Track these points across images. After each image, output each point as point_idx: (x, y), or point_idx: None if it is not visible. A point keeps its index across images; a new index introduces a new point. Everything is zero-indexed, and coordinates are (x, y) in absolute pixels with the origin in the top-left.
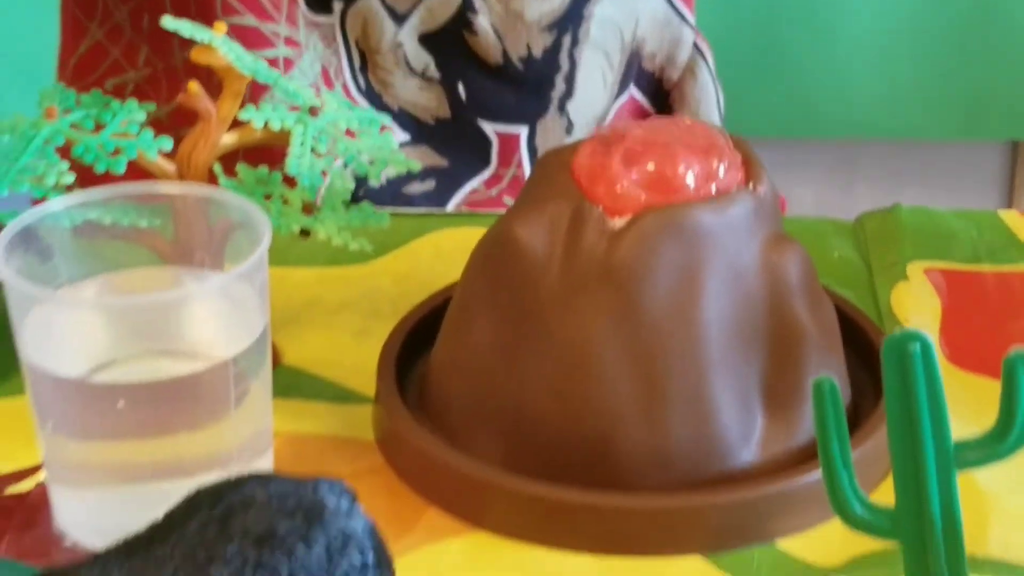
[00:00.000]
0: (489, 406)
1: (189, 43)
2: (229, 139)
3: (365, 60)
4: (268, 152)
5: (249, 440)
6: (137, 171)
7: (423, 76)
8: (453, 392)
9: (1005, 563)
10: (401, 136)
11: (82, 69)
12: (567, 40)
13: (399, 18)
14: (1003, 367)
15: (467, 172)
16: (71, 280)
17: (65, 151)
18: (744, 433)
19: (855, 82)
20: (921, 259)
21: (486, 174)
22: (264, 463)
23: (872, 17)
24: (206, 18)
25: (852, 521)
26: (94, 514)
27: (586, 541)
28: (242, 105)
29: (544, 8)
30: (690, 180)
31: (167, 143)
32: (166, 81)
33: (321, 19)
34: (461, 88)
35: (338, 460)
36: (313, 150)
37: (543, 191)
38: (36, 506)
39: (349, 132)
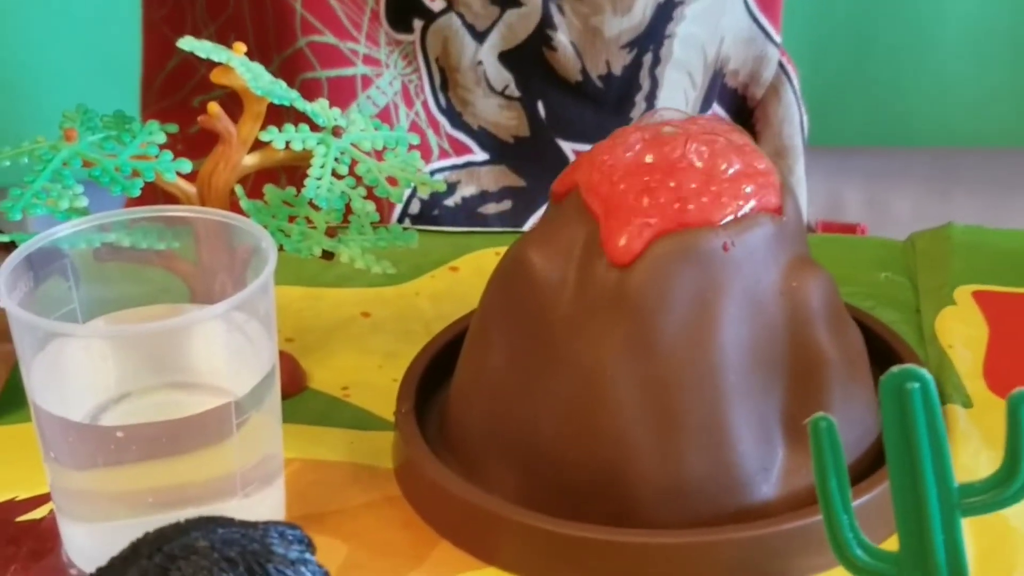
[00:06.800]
0: (503, 432)
1: (280, 61)
2: (250, 160)
3: (446, 79)
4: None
5: (254, 467)
6: (165, 194)
7: (503, 95)
8: (470, 417)
9: None
10: (481, 155)
11: (169, 86)
12: (648, 59)
13: (479, 36)
14: (1008, 407)
15: (544, 193)
16: (84, 308)
17: None
18: (763, 465)
19: (950, 89)
20: (970, 282)
21: None
22: (274, 490)
23: (967, 24)
24: (285, 35)
25: (853, 567)
26: (98, 543)
27: None
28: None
29: (624, 25)
30: (702, 204)
31: (186, 165)
32: None
33: (402, 37)
34: (541, 107)
35: (354, 489)
36: (334, 172)
37: (559, 215)
38: (47, 535)
39: (376, 153)
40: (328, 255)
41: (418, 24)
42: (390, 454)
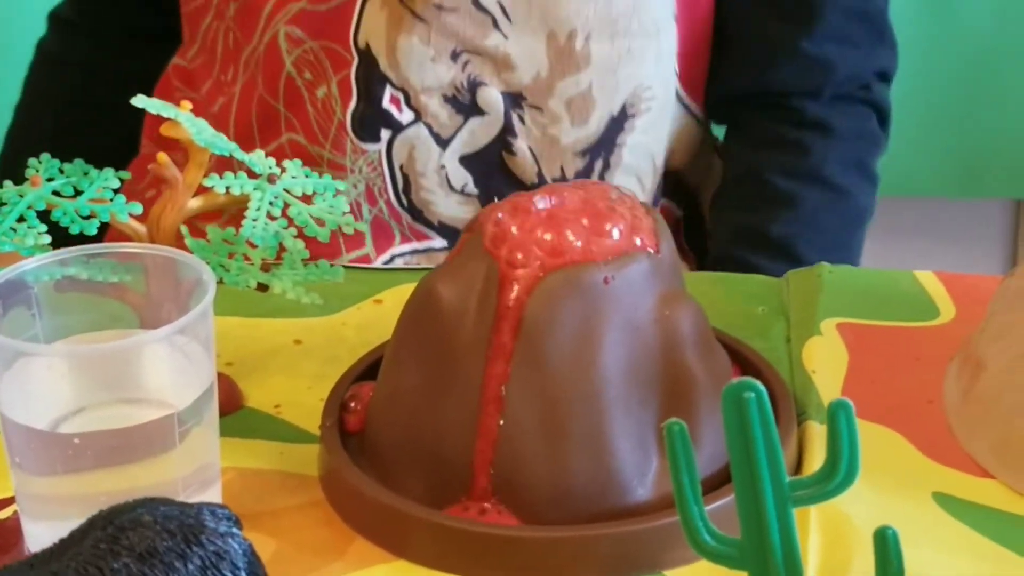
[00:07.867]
0: (414, 443)
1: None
2: (195, 203)
3: (408, 183)
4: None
5: (194, 473)
6: (115, 233)
7: (462, 192)
8: (385, 429)
9: None
10: (440, 242)
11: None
12: (599, 164)
13: (444, 142)
14: (827, 414)
15: None
16: (46, 333)
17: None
18: (640, 471)
19: None
20: (835, 315)
21: None
22: (212, 494)
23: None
24: (271, 131)
25: (702, 550)
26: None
27: (491, 569)
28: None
29: (580, 135)
30: (585, 244)
31: (137, 207)
32: None
33: (368, 147)
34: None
35: (283, 494)
36: (269, 214)
37: (462, 254)
38: (11, 532)
39: (306, 198)
40: (263, 287)
41: (386, 134)
42: (316, 464)
